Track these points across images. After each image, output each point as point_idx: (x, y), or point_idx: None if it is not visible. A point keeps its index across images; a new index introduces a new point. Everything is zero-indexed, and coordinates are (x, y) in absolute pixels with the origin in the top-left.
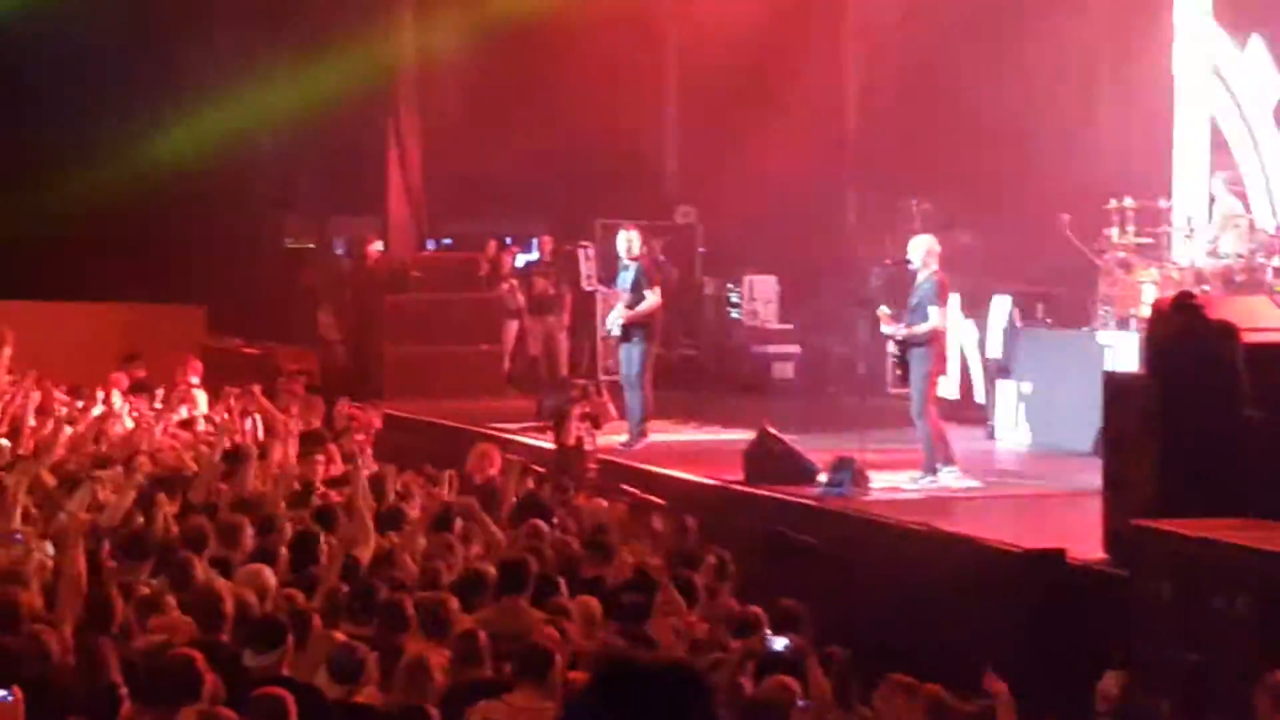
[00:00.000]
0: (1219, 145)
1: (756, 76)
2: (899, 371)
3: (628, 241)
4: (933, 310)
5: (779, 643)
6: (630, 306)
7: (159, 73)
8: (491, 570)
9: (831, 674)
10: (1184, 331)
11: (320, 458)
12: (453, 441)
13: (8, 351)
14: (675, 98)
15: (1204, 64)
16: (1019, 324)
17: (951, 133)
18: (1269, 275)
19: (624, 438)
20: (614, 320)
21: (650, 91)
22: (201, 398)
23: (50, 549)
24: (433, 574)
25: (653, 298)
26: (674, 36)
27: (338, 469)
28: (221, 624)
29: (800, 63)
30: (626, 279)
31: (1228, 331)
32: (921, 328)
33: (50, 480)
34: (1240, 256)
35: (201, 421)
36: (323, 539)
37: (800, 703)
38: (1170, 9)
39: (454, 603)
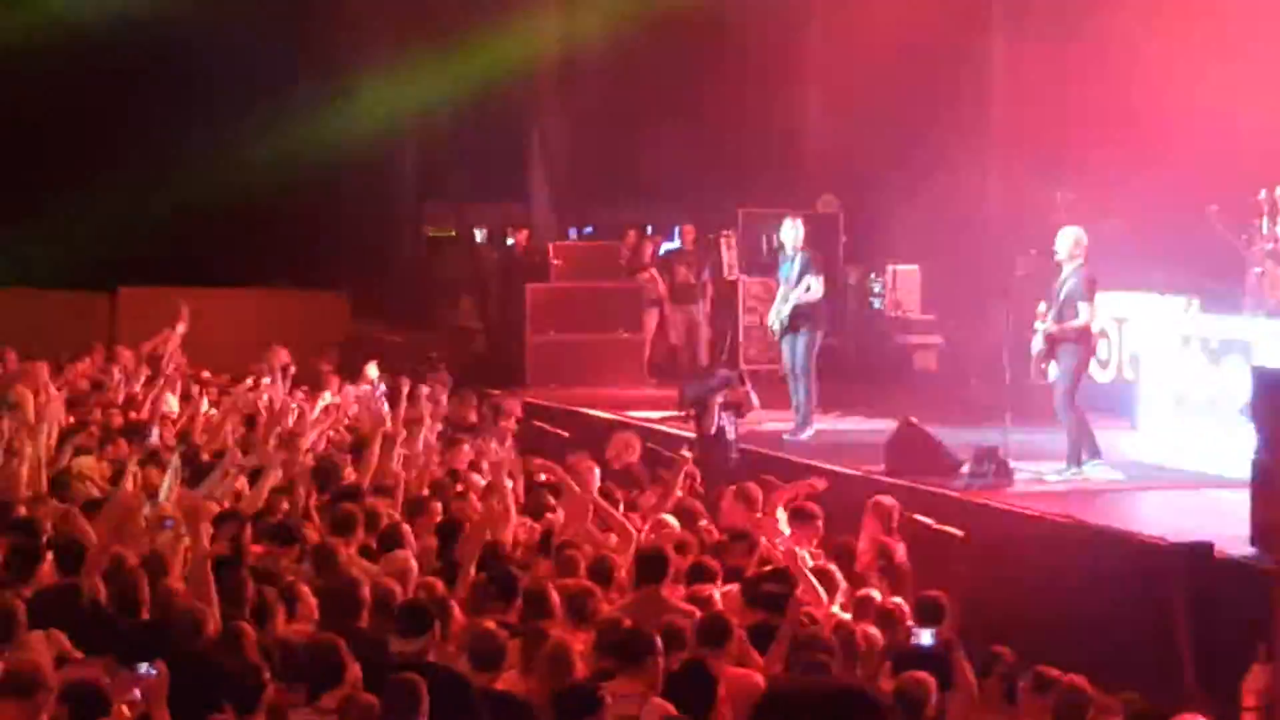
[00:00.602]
0: None
1: (899, 63)
2: (1044, 365)
3: (794, 231)
4: (1082, 306)
5: (925, 636)
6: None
7: (308, 62)
8: (623, 560)
9: (996, 674)
10: None
11: (466, 446)
12: (593, 430)
13: (181, 329)
14: (818, 85)
15: None
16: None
17: (1096, 122)
18: None
19: (789, 426)
20: (777, 312)
21: (793, 79)
22: (334, 387)
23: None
24: (570, 562)
25: (817, 287)
26: (817, 23)
27: (487, 457)
28: (359, 611)
29: (943, 51)
30: (790, 269)
31: None
32: (1071, 324)
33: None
34: None
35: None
36: (466, 526)
37: None
38: None
39: (598, 591)
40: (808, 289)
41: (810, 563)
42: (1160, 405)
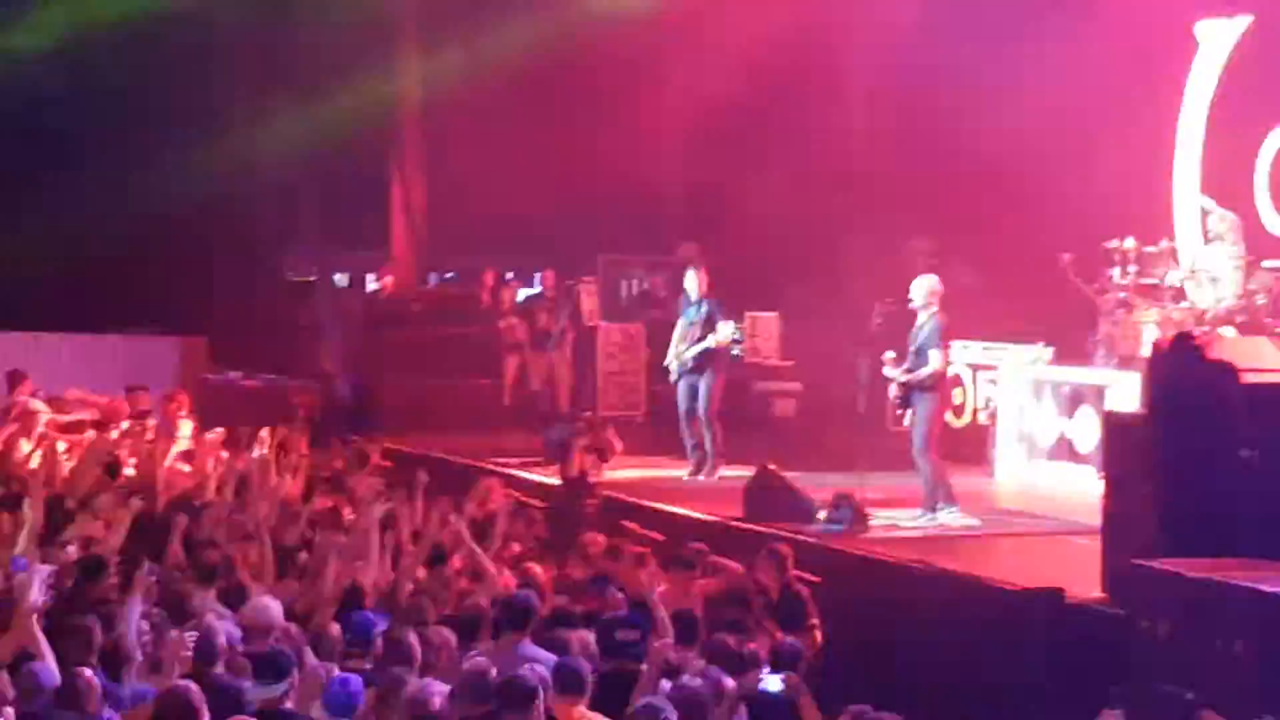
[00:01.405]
0: None
1: (760, 115)
2: (900, 411)
3: (696, 279)
4: (934, 354)
5: (774, 682)
6: (698, 342)
7: (164, 108)
8: (487, 606)
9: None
10: (1183, 372)
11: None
12: (453, 476)
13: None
14: (679, 135)
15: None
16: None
17: (953, 172)
18: (1268, 315)
19: (683, 472)
20: (677, 355)
21: (653, 128)
22: (187, 428)
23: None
24: (420, 609)
25: (725, 330)
26: (678, 74)
27: (351, 504)
28: (216, 657)
29: (803, 102)
30: (695, 314)
31: (1227, 372)
32: (923, 371)
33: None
34: (1241, 298)
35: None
36: (327, 572)
37: None
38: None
39: (453, 639)
40: (716, 333)
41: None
42: (1014, 452)
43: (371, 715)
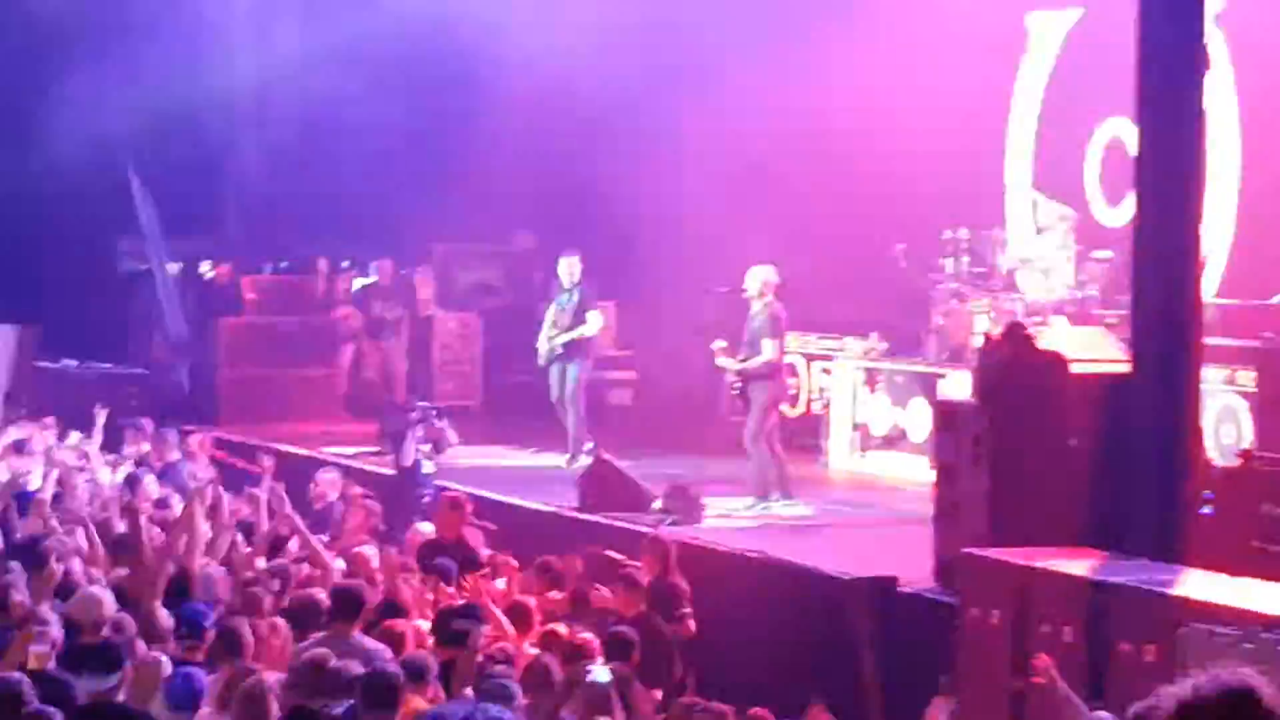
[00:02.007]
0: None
1: (596, 100)
2: (737, 401)
3: (569, 267)
4: (767, 343)
5: (603, 673)
6: (568, 330)
7: None
8: (324, 597)
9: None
10: (1013, 362)
11: (150, 479)
12: (289, 465)
13: None
14: (515, 121)
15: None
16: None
17: (787, 162)
18: (1098, 306)
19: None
20: (548, 340)
21: (488, 114)
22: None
23: None
24: (256, 599)
25: (595, 321)
26: (513, 58)
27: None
28: (48, 651)
29: (640, 87)
30: (568, 301)
31: (1056, 362)
32: (755, 361)
33: None
34: (1068, 287)
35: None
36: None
37: None
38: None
39: (288, 629)
40: (584, 322)
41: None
42: (847, 442)
43: (213, 708)
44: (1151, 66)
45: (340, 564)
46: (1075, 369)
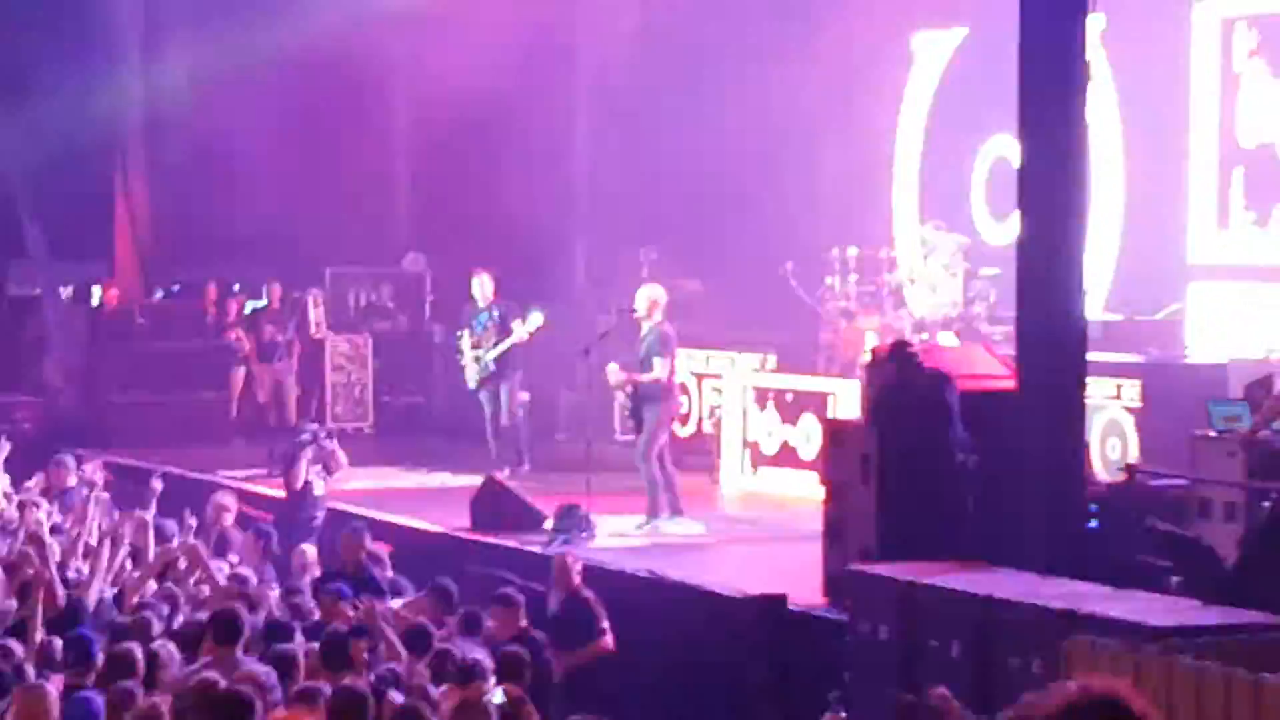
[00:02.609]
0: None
1: (485, 123)
2: (631, 422)
3: (480, 285)
4: (658, 361)
5: (497, 694)
6: (494, 346)
7: None
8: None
9: None
10: (900, 379)
11: (45, 507)
12: (181, 489)
13: None
14: (404, 144)
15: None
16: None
17: (677, 181)
18: (984, 323)
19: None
20: (477, 360)
21: (378, 138)
22: None
23: None
24: (145, 623)
25: (535, 318)
26: (403, 81)
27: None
28: None
29: (529, 111)
30: (485, 320)
31: (942, 379)
32: (646, 377)
33: None
34: (956, 304)
35: None
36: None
37: None
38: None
39: (177, 652)
40: (524, 324)
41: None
42: (738, 459)
43: None
44: (1034, 84)
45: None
46: (962, 385)
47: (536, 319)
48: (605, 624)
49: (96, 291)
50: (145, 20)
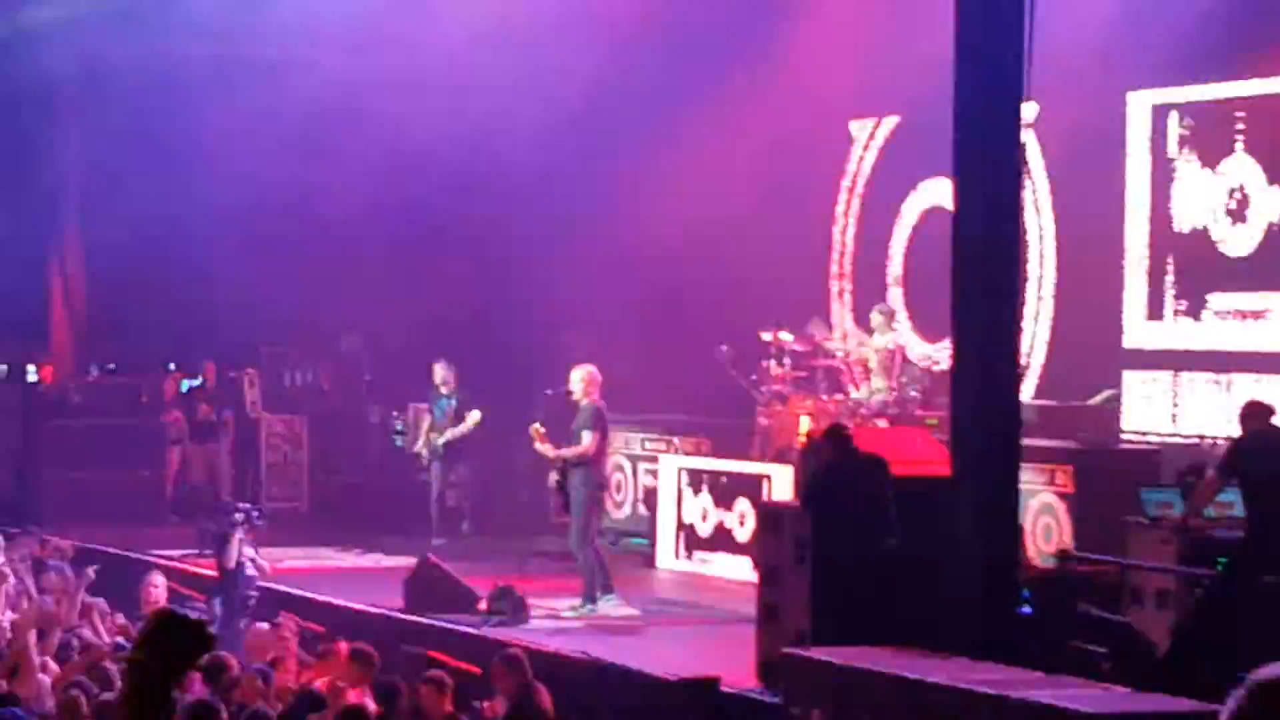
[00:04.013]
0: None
1: (421, 205)
2: (560, 500)
3: (443, 373)
4: (586, 434)
5: None
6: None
7: None
8: None
9: None
10: (836, 462)
11: None
12: (114, 569)
13: None
14: (342, 225)
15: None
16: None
17: (610, 265)
18: (919, 408)
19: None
20: (428, 442)
21: (312, 218)
22: None
23: None
24: (75, 703)
25: (474, 415)
26: (334, 164)
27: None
28: None
29: (464, 192)
30: (446, 405)
31: (876, 463)
32: (572, 451)
33: None
34: (893, 390)
35: None
36: None
37: None
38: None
39: None
40: (468, 419)
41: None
42: (673, 542)
43: None
44: (968, 171)
45: None
46: (897, 470)
47: (475, 416)
48: None
49: (31, 370)
50: (81, 98)
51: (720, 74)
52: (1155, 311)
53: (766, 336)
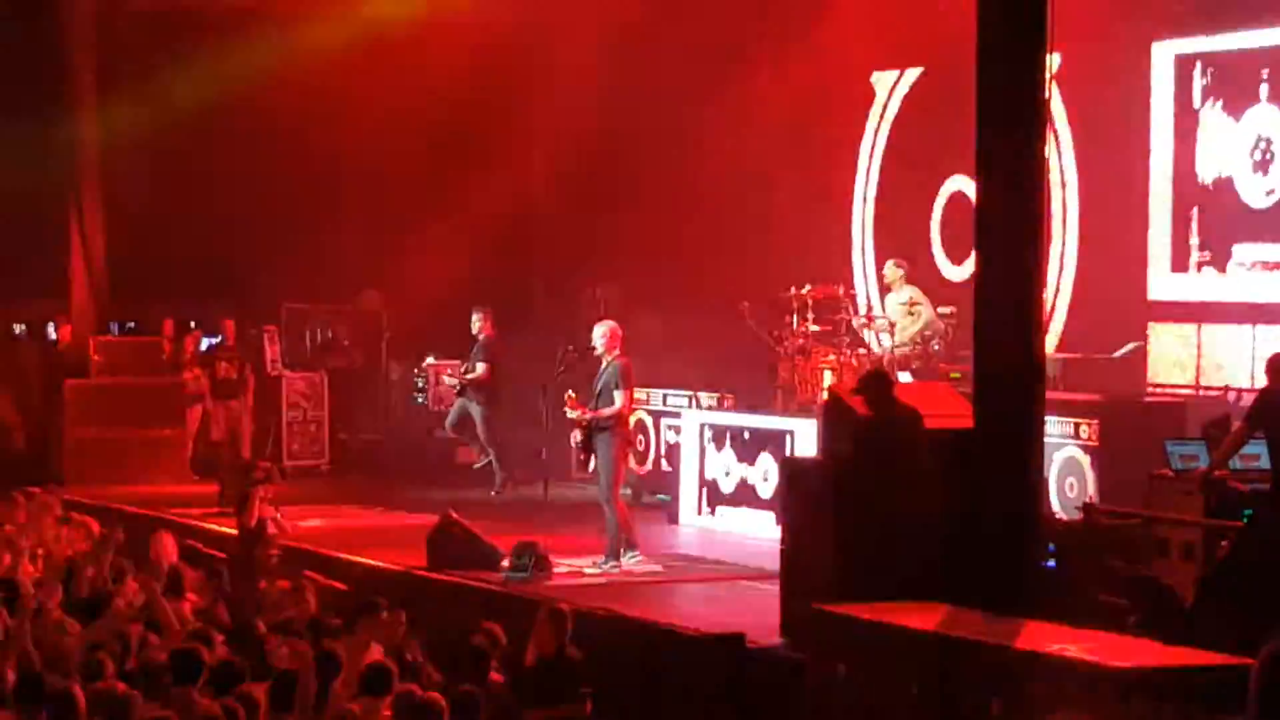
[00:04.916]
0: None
1: (440, 161)
2: (584, 456)
3: (476, 320)
4: (617, 394)
5: None
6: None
7: None
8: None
9: None
10: (857, 417)
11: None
12: (135, 527)
13: None
14: (358, 181)
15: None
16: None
17: (635, 219)
18: (942, 361)
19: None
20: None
21: (332, 175)
22: None
23: None
24: (97, 665)
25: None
26: (355, 119)
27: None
28: None
29: (487, 149)
30: (473, 351)
31: (900, 417)
32: (606, 411)
33: None
34: (916, 344)
35: None
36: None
37: None
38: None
39: (126, 692)
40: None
41: None
42: (696, 497)
43: None
44: (991, 122)
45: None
46: (919, 424)
47: (479, 368)
48: (587, 690)
49: (51, 328)
50: (99, 62)
51: (742, 30)
52: (1180, 263)
53: (790, 291)
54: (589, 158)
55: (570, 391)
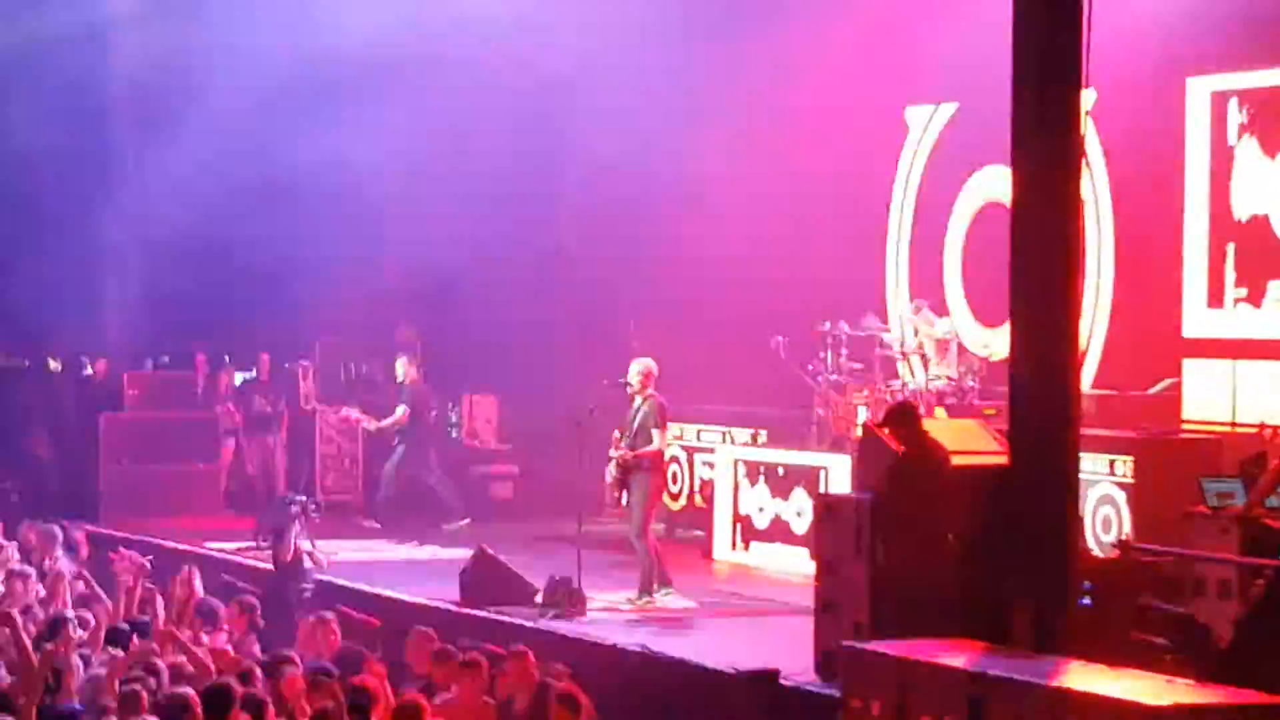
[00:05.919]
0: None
1: (473, 191)
2: (617, 493)
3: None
4: (655, 434)
5: None
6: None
7: None
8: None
9: None
10: (894, 455)
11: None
12: (169, 561)
13: None
14: (396, 214)
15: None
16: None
17: (669, 256)
18: (977, 397)
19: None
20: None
21: (370, 207)
22: None
23: None
24: (135, 697)
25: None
26: (392, 151)
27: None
28: None
29: (516, 182)
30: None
31: (936, 454)
32: (645, 450)
33: None
34: (950, 380)
35: None
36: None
37: None
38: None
39: None
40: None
41: None
42: (730, 533)
43: None
44: (1027, 158)
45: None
46: (956, 460)
47: (399, 411)
48: None
49: (86, 363)
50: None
51: (775, 62)
52: (1215, 299)
53: (824, 326)
54: (620, 193)
55: (617, 431)
